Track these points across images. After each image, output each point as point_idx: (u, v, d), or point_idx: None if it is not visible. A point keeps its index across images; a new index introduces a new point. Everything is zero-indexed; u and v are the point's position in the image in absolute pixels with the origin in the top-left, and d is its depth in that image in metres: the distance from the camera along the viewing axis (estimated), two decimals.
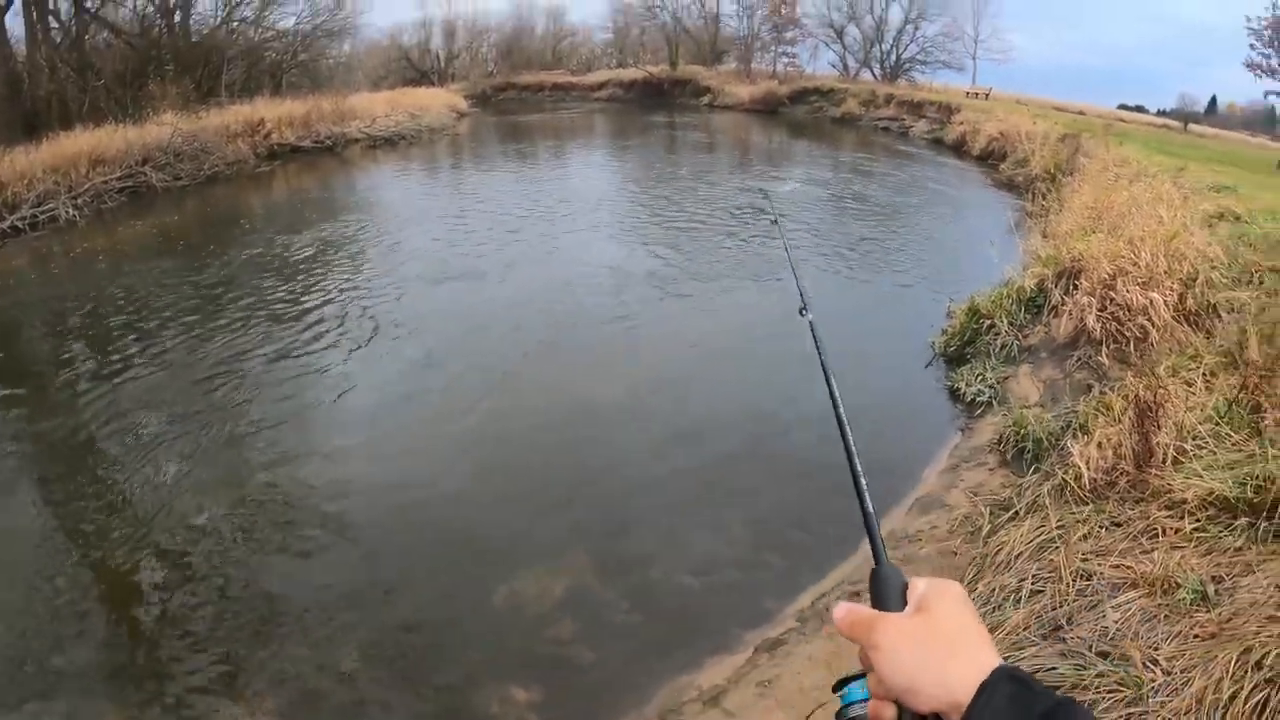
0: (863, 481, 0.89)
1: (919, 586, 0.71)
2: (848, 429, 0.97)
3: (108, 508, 5.42)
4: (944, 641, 0.65)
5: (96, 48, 24.60)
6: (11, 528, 5.22)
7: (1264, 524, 3.46)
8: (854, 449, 0.93)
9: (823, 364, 1.11)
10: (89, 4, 23.54)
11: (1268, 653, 2.65)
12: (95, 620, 4.38)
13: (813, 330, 1.22)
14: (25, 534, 5.12)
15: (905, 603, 0.71)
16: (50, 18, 22.55)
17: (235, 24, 29.60)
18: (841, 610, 0.73)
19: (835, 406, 1.02)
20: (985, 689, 0.61)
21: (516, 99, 47.55)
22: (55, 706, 3.80)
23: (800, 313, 1.37)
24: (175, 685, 3.90)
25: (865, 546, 3.55)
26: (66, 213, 14.65)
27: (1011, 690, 0.60)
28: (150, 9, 26.25)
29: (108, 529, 5.15)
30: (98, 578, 4.72)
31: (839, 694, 0.76)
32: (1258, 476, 3.66)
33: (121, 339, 8.52)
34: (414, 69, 49.36)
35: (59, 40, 23.02)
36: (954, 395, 6.85)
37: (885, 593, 0.73)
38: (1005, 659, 0.64)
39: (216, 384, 7.22)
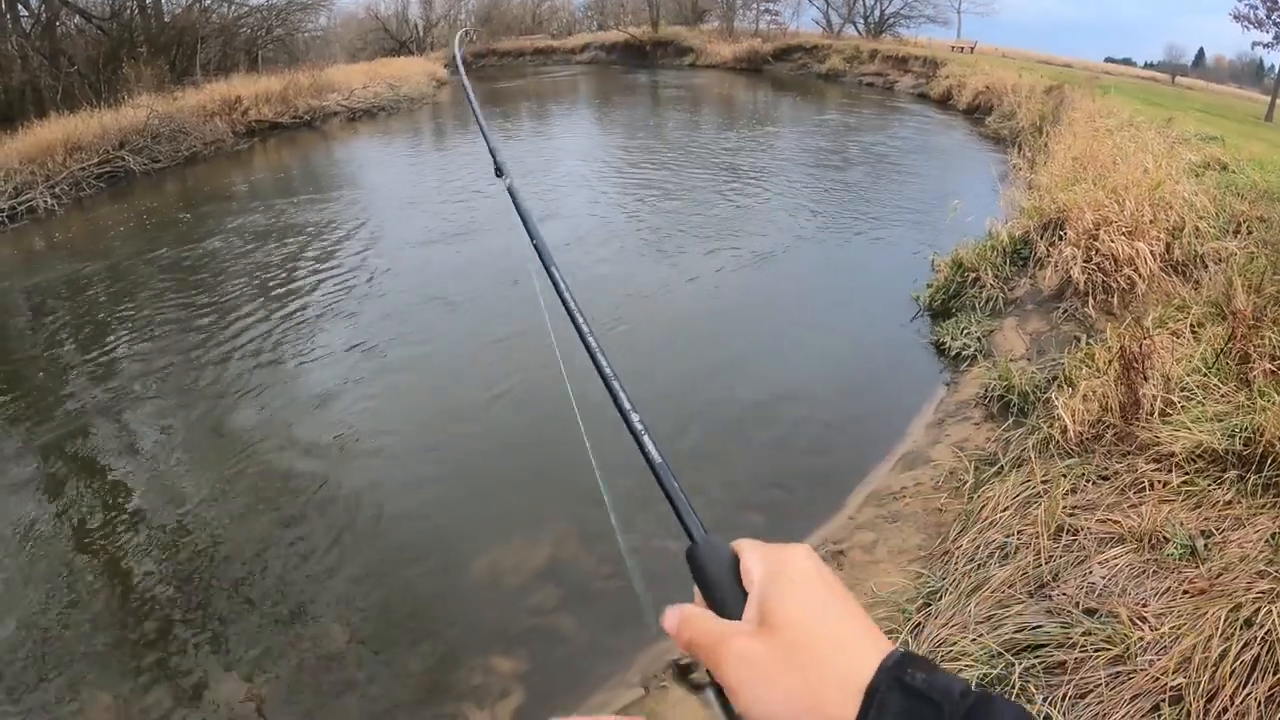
0: (634, 419, 0.69)
1: (753, 570, 0.55)
2: (583, 321, 0.83)
3: (95, 491, 5.43)
4: (806, 659, 0.50)
5: (68, 34, 24.14)
6: (4, 512, 5.24)
7: (1254, 477, 3.41)
8: (609, 368, 0.74)
9: (530, 236, 0.98)
10: None
11: (1258, 610, 2.60)
12: (85, 598, 4.40)
13: (512, 195, 1.12)
14: (16, 516, 5.15)
15: (741, 587, 0.55)
16: (20, 6, 22.16)
17: (208, 1, 29.07)
18: (672, 619, 0.55)
19: (558, 288, 0.87)
20: (870, 701, 0.47)
21: (497, 65, 46.91)
22: (54, 683, 3.84)
23: (496, 174, 1.25)
24: (165, 662, 3.94)
25: (848, 502, 3.44)
26: (45, 203, 14.40)
27: (902, 705, 0.46)
28: None
29: (96, 511, 5.17)
30: (85, 560, 4.72)
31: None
32: (1247, 428, 3.61)
33: (106, 328, 8.41)
34: (392, 39, 48.62)
35: (30, 28, 22.62)
36: (939, 349, 6.80)
37: (714, 580, 0.56)
38: (987, 618, 0.51)
39: (201, 369, 7.14)
